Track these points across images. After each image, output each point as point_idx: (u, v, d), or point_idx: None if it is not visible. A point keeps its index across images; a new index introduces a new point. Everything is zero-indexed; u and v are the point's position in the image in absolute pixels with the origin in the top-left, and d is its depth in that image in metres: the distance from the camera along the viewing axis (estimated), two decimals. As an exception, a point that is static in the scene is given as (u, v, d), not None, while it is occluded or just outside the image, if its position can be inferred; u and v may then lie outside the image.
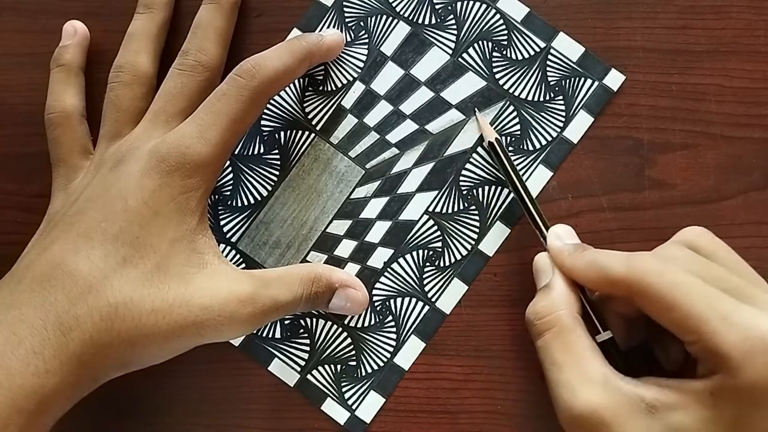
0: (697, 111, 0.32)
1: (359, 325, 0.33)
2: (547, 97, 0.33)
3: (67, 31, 0.33)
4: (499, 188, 0.33)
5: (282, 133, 0.34)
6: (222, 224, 0.33)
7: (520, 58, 0.33)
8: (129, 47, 0.32)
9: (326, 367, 0.33)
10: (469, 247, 0.33)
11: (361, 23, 0.33)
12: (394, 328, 0.32)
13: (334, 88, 0.33)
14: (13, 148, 0.34)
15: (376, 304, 0.33)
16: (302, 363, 0.33)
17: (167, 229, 0.28)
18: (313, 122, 0.33)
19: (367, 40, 0.33)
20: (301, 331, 0.33)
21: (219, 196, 0.34)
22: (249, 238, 0.33)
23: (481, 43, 0.33)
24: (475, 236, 0.33)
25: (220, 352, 0.33)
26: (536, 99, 0.33)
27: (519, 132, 0.33)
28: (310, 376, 0.33)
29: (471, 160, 0.33)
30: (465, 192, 0.33)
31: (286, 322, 0.33)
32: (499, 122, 0.33)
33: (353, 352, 0.33)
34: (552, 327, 0.27)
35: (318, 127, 0.33)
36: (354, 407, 0.32)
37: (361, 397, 0.32)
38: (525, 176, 0.32)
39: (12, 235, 0.34)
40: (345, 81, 0.33)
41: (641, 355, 0.29)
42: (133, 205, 0.27)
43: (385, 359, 0.32)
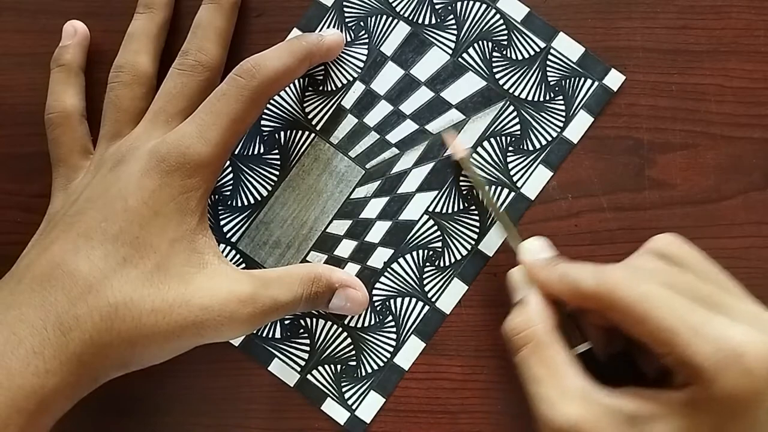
0: (697, 111, 0.32)
1: (359, 325, 0.33)
2: (547, 97, 0.33)
3: (67, 31, 0.33)
4: (499, 188, 0.33)
5: (282, 133, 0.34)
6: (222, 224, 0.33)
7: (520, 58, 0.33)
8: (129, 47, 0.32)
9: (326, 367, 0.33)
10: (469, 247, 0.32)
11: (361, 23, 0.33)
12: (394, 328, 0.32)
13: (334, 88, 0.33)
14: (13, 148, 0.34)
15: (376, 304, 0.33)
16: (302, 363, 0.33)
17: (167, 229, 0.28)
18: (313, 122, 0.33)
19: (367, 40, 0.33)
20: (301, 331, 0.33)
21: (219, 196, 0.34)
22: (249, 238, 0.33)
23: (481, 43, 0.33)
24: (475, 236, 0.33)
25: (220, 352, 0.33)
26: (536, 99, 0.33)
27: (519, 132, 0.33)
28: (310, 376, 0.33)
29: (471, 160, 0.33)
30: (465, 192, 0.33)
31: (286, 322, 0.33)
32: (499, 122, 0.33)
33: (353, 352, 0.33)
34: (528, 342, 0.27)
35: (318, 127, 0.33)
36: (354, 407, 0.32)
37: (361, 397, 0.32)
38: (525, 176, 0.32)
39: (12, 235, 0.34)
40: (345, 81, 0.33)
41: (622, 364, 0.29)
42: (133, 205, 0.27)
43: (385, 359, 0.32)
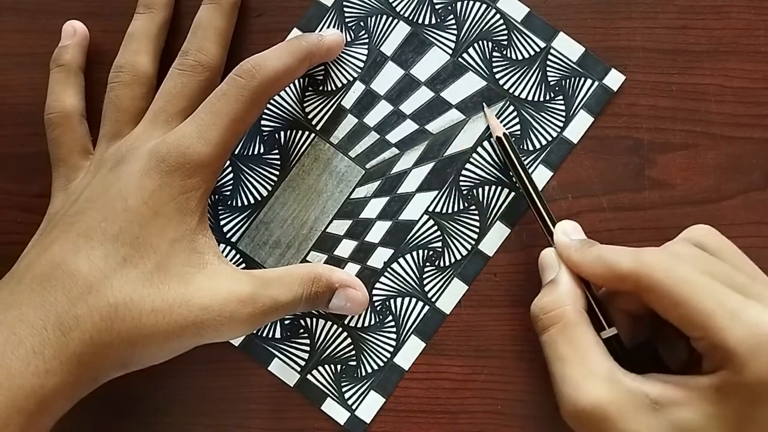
0: (697, 111, 0.32)
1: (359, 325, 0.33)
2: (547, 97, 0.33)
3: (66, 31, 0.33)
4: (499, 188, 0.33)
5: (282, 133, 0.34)
6: (222, 224, 0.33)
7: (520, 58, 0.33)
8: (129, 47, 0.32)
9: (326, 367, 0.33)
10: (469, 247, 0.32)
11: (361, 23, 0.33)
12: (394, 328, 0.32)
13: (334, 88, 0.33)
14: (13, 148, 0.34)
15: (376, 304, 0.33)
16: (302, 363, 0.33)
17: (167, 229, 0.28)
18: (313, 122, 0.33)
19: (367, 40, 0.33)
20: (301, 331, 0.33)
21: (219, 196, 0.33)
22: (249, 238, 0.33)
23: (481, 43, 0.33)
24: (475, 236, 0.33)
25: (220, 352, 0.33)
26: (536, 99, 0.33)
27: (519, 132, 0.33)
28: (310, 376, 0.33)
29: (471, 160, 0.33)
30: (465, 192, 0.33)
31: (286, 322, 0.33)
32: (500, 122, 0.33)
33: (353, 352, 0.33)
34: (557, 322, 0.27)
35: (318, 127, 0.33)
36: (354, 407, 0.32)
37: (361, 397, 0.32)
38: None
39: (12, 235, 0.34)
40: (345, 81, 0.33)
41: (645, 353, 0.29)
42: (133, 205, 0.27)
43: (385, 359, 0.32)
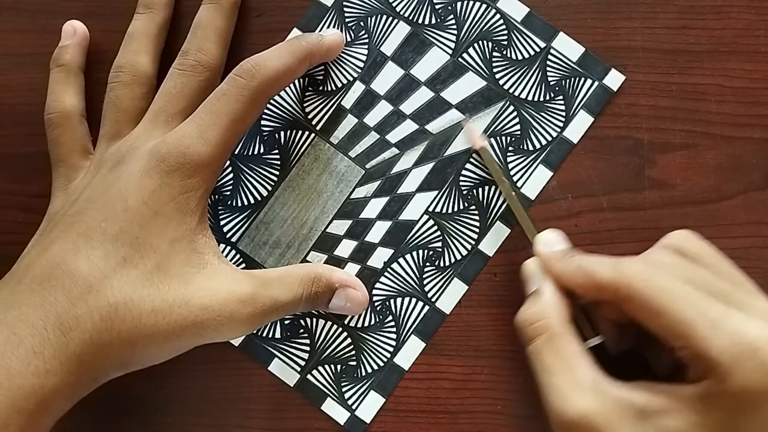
0: (697, 111, 0.32)
1: (359, 325, 0.33)
2: (547, 97, 0.33)
3: (66, 31, 0.33)
4: (500, 188, 0.33)
5: (282, 133, 0.34)
6: (222, 224, 0.33)
7: (520, 58, 0.33)
8: (129, 47, 0.32)
9: (326, 367, 0.33)
10: (469, 247, 0.32)
11: (361, 23, 0.33)
12: (394, 328, 0.32)
13: (334, 88, 0.33)
14: (13, 148, 0.34)
15: (376, 304, 0.33)
16: (302, 363, 0.33)
17: (167, 229, 0.28)
18: (313, 122, 0.33)
19: (367, 40, 0.33)
20: (301, 331, 0.33)
21: (219, 196, 0.34)
22: (249, 238, 0.33)
23: (481, 43, 0.33)
24: (475, 236, 0.33)
25: (220, 352, 0.33)
26: (536, 99, 0.33)
27: (519, 132, 0.33)
28: (310, 376, 0.33)
29: (471, 160, 0.33)
30: (465, 192, 0.33)
31: (286, 322, 0.33)
32: (499, 122, 0.33)
33: (353, 352, 0.33)
34: (542, 333, 0.27)
35: (318, 127, 0.33)
36: (354, 407, 0.32)
37: (361, 397, 0.32)
38: (525, 176, 0.32)
39: (12, 235, 0.34)
40: (345, 81, 0.33)
41: (632, 360, 0.29)
42: (133, 205, 0.27)
43: (385, 359, 0.32)
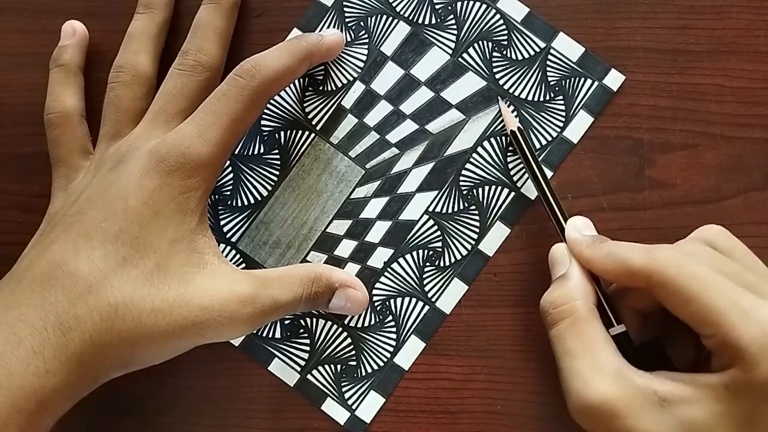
0: (697, 111, 0.32)
1: (359, 325, 0.33)
2: (547, 97, 0.33)
3: (66, 31, 0.33)
4: (499, 188, 0.33)
5: (282, 133, 0.34)
6: (222, 224, 0.33)
7: (520, 58, 0.33)
8: (129, 47, 0.32)
9: (326, 367, 0.33)
10: (469, 247, 0.32)
11: (361, 23, 0.33)
12: (394, 328, 0.32)
13: (334, 88, 0.33)
14: (13, 148, 0.34)
15: (376, 304, 0.33)
16: (302, 363, 0.33)
17: (167, 229, 0.28)
18: (313, 122, 0.33)
19: (367, 40, 0.33)
20: (301, 331, 0.33)
21: (219, 196, 0.33)
22: (249, 238, 0.33)
23: (481, 43, 0.33)
24: (475, 236, 0.33)
25: (220, 352, 0.33)
26: (536, 99, 0.33)
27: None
28: (310, 376, 0.33)
29: (471, 160, 0.33)
30: (465, 192, 0.33)
31: (286, 322, 0.33)
32: (499, 122, 0.33)
33: (353, 352, 0.33)
34: (567, 316, 0.27)
35: (318, 127, 0.33)
36: (354, 407, 0.32)
37: (361, 397, 0.32)
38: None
39: (12, 235, 0.34)
40: (345, 81, 0.33)
41: (653, 352, 0.29)
42: (133, 205, 0.27)
43: (385, 359, 0.32)
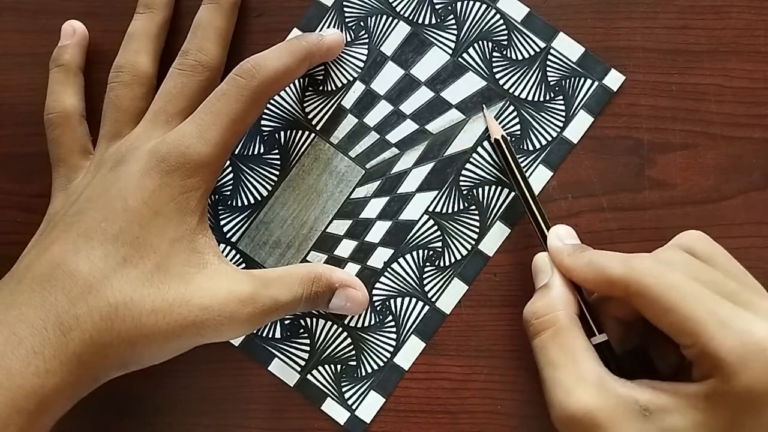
0: (697, 111, 0.32)
1: (359, 325, 0.33)
2: (547, 97, 0.33)
3: (65, 30, 0.33)
4: (499, 188, 0.33)
5: (282, 133, 0.34)
6: (222, 224, 0.33)
7: (520, 58, 0.33)
8: (129, 47, 0.32)
9: (326, 367, 0.33)
10: (469, 247, 0.32)
11: (361, 23, 0.33)
12: (394, 328, 0.32)
13: (334, 88, 0.33)
14: (13, 148, 0.34)
15: (376, 304, 0.33)
16: (302, 363, 0.33)
17: (167, 229, 0.28)
18: (313, 122, 0.33)
19: (367, 40, 0.33)
20: (301, 331, 0.33)
21: (219, 196, 0.34)
22: (249, 238, 0.33)
23: (481, 43, 0.33)
24: (475, 236, 0.33)
25: (220, 352, 0.33)
26: (536, 99, 0.33)
27: (519, 132, 0.33)
28: (310, 376, 0.33)
29: (471, 160, 0.33)
30: (465, 192, 0.33)
31: (286, 322, 0.33)
32: (499, 122, 0.33)
33: (353, 352, 0.33)
34: (549, 327, 0.27)
35: (318, 127, 0.33)
36: (354, 407, 0.32)
37: (361, 397, 0.32)
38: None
39: (12, 235, 0.34)
40: (345, 81, 0.33)
41: (636, 360, 0.29)
42: (133, 205, 0.27)
43: (385, 359, 0.32)
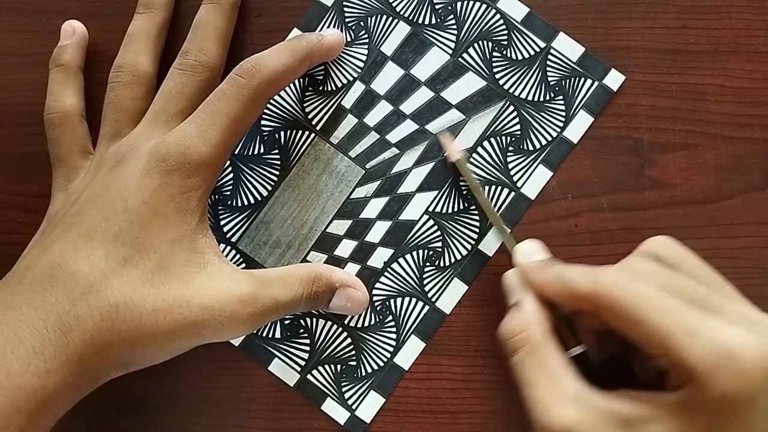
0: (697, 111, 0.32)
1: (359, 325, 0.33)
2: (547, 97, 0.33)
3: (65, 30, 0.33)
4: (499, 188, 0.33)
5: (282, 133, 0.34)
6: (222, 224, 0.33)
7: (520, 58, 0.33)
8: (129, 47, 0.32)
9: (326, 367, 0.33)
10: (469, 247, 0.33)
11: (361, 23, 0.33)
12: (394, 328, 0.32)
13: (334, 88, 0.33)
14: (13, 148, 0.34)
15: (376, 304, 0.33)
16: (302, 363, 0.33)
17: (167, 229, 0.28)
18: (313, 122, 0.33)
19: (367, 40, 0.33)
20: (301, 331, 0.33)
21: (219, 196, 0.34)
22: (249, 238, 0.33)
23: (481, 43, 0.33)
24: (475, 236, 0.33)
25: (220, 352, 0.33)
26: (536, 99, 0.33)
27: (519, 132, 0.33)
28: (310, 376, 0.33)
29: (471, 160, 0.33)
30: (465, 192, 0.33)
31: (286, 322, 0.33)
32: (499, 122, 0.33)
33: (353, 352, 0.33)
34: (524, 345, 0.27)
35: (318, 127, 0.33)
36: (354, 407, 0.32)
37: (361, 397, 0.32)
38: (525, 176, 0.32)
39: (12, 235, 0.34)
40: (345, 81, 0.33)
41: (615, 368, 0.29)
42: (133, 205, 0.27)
43: (385, 359, 0.32)
